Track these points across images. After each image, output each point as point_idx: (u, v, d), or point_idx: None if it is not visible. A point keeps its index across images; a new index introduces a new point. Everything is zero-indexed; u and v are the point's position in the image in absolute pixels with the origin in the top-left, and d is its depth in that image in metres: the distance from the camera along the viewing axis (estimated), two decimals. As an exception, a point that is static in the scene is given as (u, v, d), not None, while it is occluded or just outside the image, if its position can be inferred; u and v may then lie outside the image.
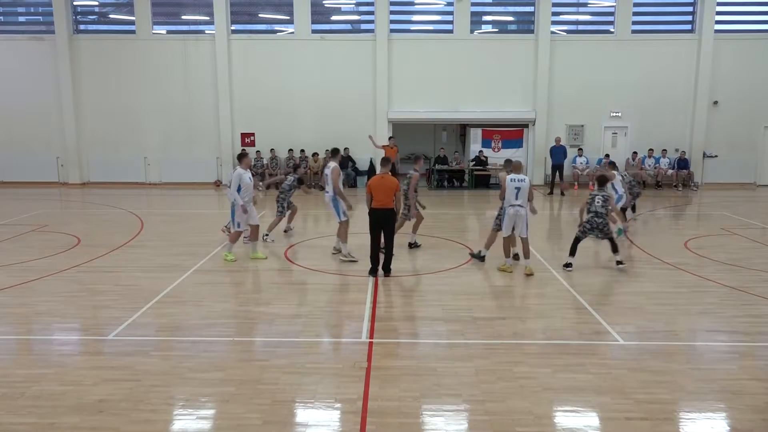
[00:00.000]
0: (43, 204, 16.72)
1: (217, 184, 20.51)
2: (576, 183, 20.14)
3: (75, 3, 20.60)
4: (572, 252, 9.85)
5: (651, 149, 20.39)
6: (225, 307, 8.07)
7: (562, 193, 18.64)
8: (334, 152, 11.64)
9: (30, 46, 20.46)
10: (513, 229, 9.63)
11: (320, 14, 20.61)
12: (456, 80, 20.41)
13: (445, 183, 20.67)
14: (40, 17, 21.24)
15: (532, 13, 20.58)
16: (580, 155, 20.53)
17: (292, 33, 20.50)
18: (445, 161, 20.64)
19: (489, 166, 20.51)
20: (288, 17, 20.51)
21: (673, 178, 20.33)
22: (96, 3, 21.17)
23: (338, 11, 21.24)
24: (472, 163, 20.60)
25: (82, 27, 21.01)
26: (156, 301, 8.24)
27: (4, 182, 20.58)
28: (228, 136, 20.62)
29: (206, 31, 20.56)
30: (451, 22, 20.51)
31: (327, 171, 10.83)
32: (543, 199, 17.42)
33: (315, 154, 20.34)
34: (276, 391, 5.64)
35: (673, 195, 19.19)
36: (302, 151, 20.36)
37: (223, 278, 9.48)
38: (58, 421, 5.08)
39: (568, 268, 9.72)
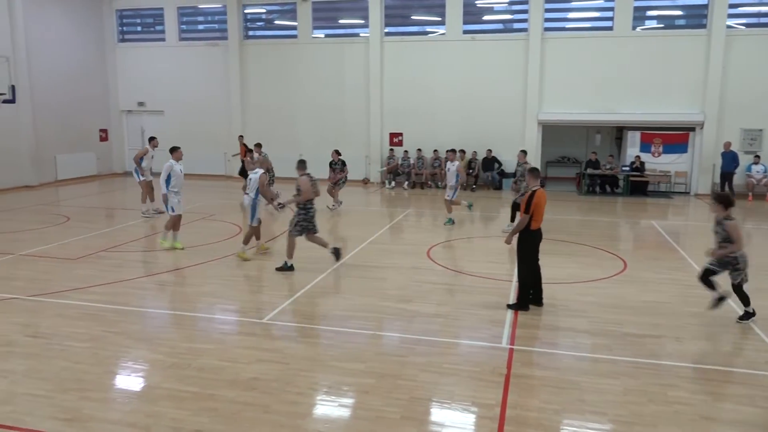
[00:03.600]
0: (211, 195, 18.40)
1: (365, 182, 21.23)
2: (750, 194, 18.11)
3: (246, 11, 22.42)
4: None
5: None
6: (367, 302, 8.32)
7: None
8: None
9: (206, 51, 22.64)
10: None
11: (472, 14, 20.51)
12: (613, 80, 19.27)
13: (597, 188, 19.61)
14: (216, 25, 23.39)
15: (705, 6, 18.83)
16: (757, 163, 18.43)
17: (443, 34, 20.62)
18: (597, 165, 19.60)
19: (647, 172, 19.13)
20: (440, 18, 20.66)
21: None
22: (263, 10, 22.86)
23: (490, 11, 21.00)
24: (627, 169, 19.34)
25: (250, 33, 22.81)
26: (305, 290, 8.72)
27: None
28: (377, 136, 21.25)
29: (361, 34, 21.35)
30: (611, 19, 19.40)
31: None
32: (708, 209, 15.86)
33: (462, 152, 20.28)
34: (414, 387, 5.71)
35: None
36: (435, 151, 20.40)
37: (366, 273, 9.78)
38: (217, 393, 5.57)
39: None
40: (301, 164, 10.03)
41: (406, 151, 20.81)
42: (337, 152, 16.07)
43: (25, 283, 9.06)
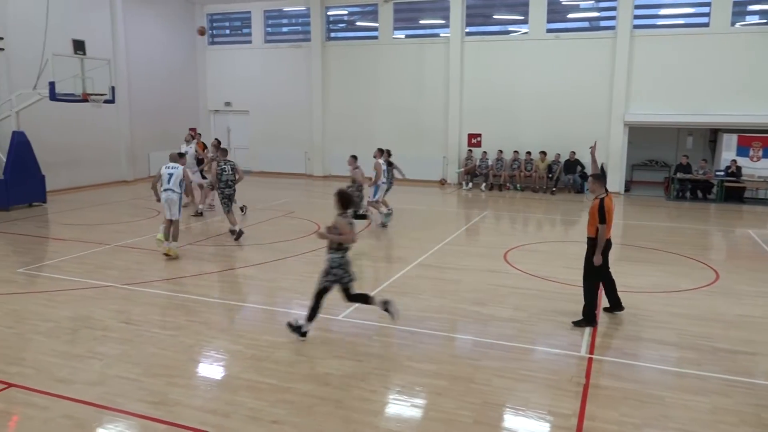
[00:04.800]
0: (292, 193, 18.88)
1: (442, 182, 21.15)
2: None
3: (328, 13, 22.87)
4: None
5: None
6: (442, 303, 8.28)
7: None
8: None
9: (290, 53, 23.26)
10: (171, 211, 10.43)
11: (556, 12, 19.96)
12: (708, 79, 18.19)
13: (687, 194, 18.60)
14: (299, 27, 23.99)
15: (815, 0, 17.45)
16: None
17: (526, 33, 20.20)
18: (688, 169, 18.58)
19: (744, 178, 17.95)
20: (522, 17, 20.25)
21: None
22: (346, 12, 23.24)
23: (576, 9, 20.37)
24: (721, 174, 18.21)
25: (332, 35, 23.24)
26: (380, 289, 8.79)
27: (263, 172, 23.74)
28: (455, 137, 21.09)
29: (441, 35, 21.27)
30: (707, 15, 18.34)
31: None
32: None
33: (543, 153, 19.78)
34: (487, 392, 5.63)
35: None
36: (515, 152, 19.98)
37: (442, 274, 9.74)
38: (293, 386, 5.71)
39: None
40: (224, 151, 12.26)
41: (484, 152, 20.55)
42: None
43: (119, 272, 9.65)
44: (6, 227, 13.12)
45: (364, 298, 6.91)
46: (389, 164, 14.51)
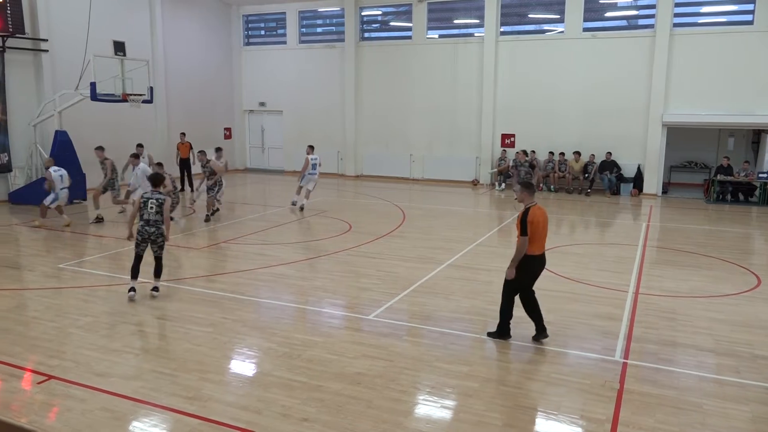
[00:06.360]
0: (324, 192, 18.97)
1: (475, 183, 21.01)
2: None
3: (362, 14, 22.94)
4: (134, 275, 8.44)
5: None
6: (473, 304, 8.24)
7: None
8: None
9: (324, 53, 23.41)
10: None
11: (593, 11, 19.63)
12: (751, 79, 17.64)
13: (729, 196, 18.09)
14: (333, 27, 24.12)
15: None
16: None
17: (562, 32, 19.91)
18: (729, 171, 18.07)
19: (788, 180, 17.36)
20: (558, 16, 19.97)
21: None
22: (379, 13, 23.27)
23: (614, 7, 19.99)
24: (764, 176, 17.66)
25: (366, 35, 23.30)
26: (411, 289, 8.79)
27: (296, 171, 23.89)
28: (489, 137, 20.93)
29: (475, 34, 21.12)
30: (750, 12, 17.80)
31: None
32: None
33: (577, 154, 19.48)
34: (518, 395, 5.58)
35: None
36: (551, 153, 19.70)
37: (473, 275, 9.68)
38: (324, 384, 5.75)
39: (154, 292, 8.49)
40: (210, 152, 14.38)
41: (517, 153, 20.35)
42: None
43: (156, 268, 9.83)
44: (49, 224, 13.52)
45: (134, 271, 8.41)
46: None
